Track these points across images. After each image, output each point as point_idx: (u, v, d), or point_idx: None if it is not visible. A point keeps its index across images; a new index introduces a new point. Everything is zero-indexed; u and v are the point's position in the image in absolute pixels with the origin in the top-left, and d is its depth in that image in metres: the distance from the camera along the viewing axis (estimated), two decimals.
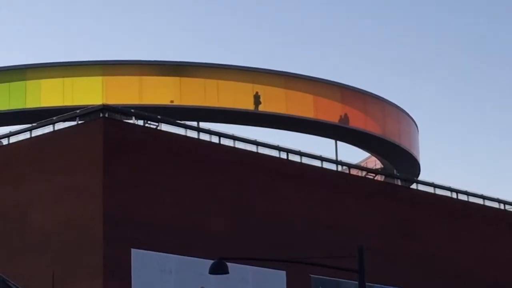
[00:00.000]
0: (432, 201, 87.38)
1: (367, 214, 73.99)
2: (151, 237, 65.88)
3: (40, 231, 66.36)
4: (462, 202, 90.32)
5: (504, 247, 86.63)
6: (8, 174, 72.13)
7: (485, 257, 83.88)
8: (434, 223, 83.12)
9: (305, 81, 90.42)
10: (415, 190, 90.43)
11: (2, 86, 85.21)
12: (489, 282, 79.22)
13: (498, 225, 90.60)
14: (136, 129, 72.34)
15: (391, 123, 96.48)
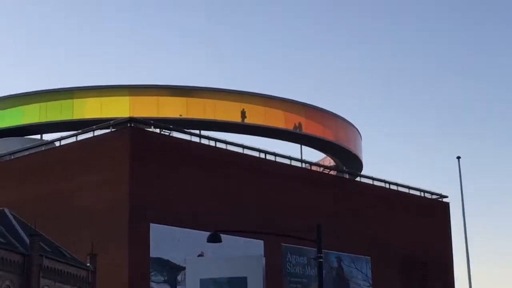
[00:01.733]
0: (371, 190, 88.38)
1: (324, 200, 74.76)
2: (164, 215, 67.03)
3: (84, 211, 67.02)
4: (394, 191, 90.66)
5: (421, 226, 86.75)
6: (60, 168, 73.25)
7: (409, 233, 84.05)
8: (373, 206, 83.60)
9: (278, 101, 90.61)
10: (359, 181, 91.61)
11: (55, 103, 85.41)
12: (408, 250, 79.13)
13: (420, 210, 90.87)
14: (154, 136, 73.50)
15: (341, 132, 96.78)
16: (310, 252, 64.44)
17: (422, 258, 77.85)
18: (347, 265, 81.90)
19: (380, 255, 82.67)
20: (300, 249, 71.12)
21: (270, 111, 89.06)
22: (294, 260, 75.83)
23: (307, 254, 71.08)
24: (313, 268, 65.68)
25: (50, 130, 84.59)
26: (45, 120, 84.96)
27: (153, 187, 67.63)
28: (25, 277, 53.24)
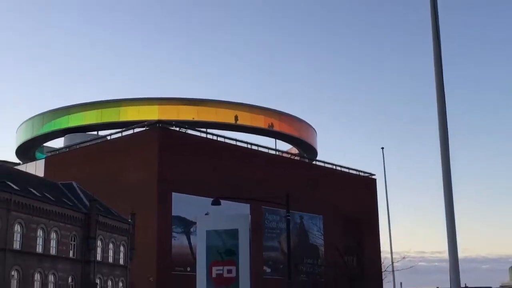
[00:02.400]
0: (323, 170, 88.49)
1: (291, 176, 74.58)
2: (181, 187, 67.26)
3: (127, 184, 67.27)
4: (339, 171, 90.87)
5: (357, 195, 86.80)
6: (110, 155, 73.80)
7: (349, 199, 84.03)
8: (324, 181, 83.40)
9: (261, 109, 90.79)
10: (315, 164, 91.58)
11: (107, 110, 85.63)
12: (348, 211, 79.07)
13: (356, 183, 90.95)
14: (174, 132, 73.72)
15: (302, 129, 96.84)
16: (281, 212, 64.90)
17: (357, 216, 77.86)
18: (307, 221, 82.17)
19: (329, 214, 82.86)
20: (275, 210, 71.37)
21: (253, 116, 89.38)
22: (270, 218, 76.12)
23: (279, 213, 71.39)
24: (283, 223, 65.74)
25: (103, 128, 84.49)
26: (100, 121, 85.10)
27: (174, 167, 67.79)
28: (86, 229, 53.27)
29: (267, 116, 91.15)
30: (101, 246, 55.05)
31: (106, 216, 56.08)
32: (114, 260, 57.25)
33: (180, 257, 64.94)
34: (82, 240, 52.77)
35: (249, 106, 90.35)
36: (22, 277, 45.59)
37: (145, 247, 61.79)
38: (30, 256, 46.57)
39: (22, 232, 45.94)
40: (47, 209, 48.67)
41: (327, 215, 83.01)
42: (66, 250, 51.07)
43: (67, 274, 50.85)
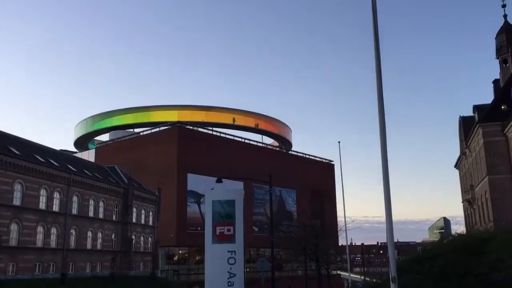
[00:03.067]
0: (296, 157, 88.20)
1: (273, 161, 74.54)
2: (194, 169, 66.65)
3: (154, 166, 67.00)
4: (307, 158, 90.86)
5: (321, 175, 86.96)
6: (142, 145, 73.10)
7: (314, 178, 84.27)
8: (297, 165, 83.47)
9: (251, 113, 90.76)
10: (290, 153, 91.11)
11: (140, 114, 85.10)
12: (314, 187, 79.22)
13: (320, 166, 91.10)
14: (189, 130, 73.34)
15: (281, 128, 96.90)
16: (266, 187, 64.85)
17: (321, 190, 78.04)
18: (284, 194, 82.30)
19: (300, 189, 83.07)
20: (261, 186, 71.55)
21: (246, 118, 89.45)
22: (258, 191, 76.16)
23: (264, 188, 71.23)
24: (267, 196, 65.84)
25: (137, 126, 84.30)
26: (135, 122, 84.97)
27: (188, 155, 67.57)
28: (125, 199, 53.17)
29: (256, 118, 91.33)
30: (135, 212, 54.99)
31: (139, 190, 56.04)
32: (145, 222, 57.24)
33: (193, 220, 65.01)
34: (122, 208, 52.76)
35: (243, 111, 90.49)
36: (78, 233, 45.81)
37: (167, 213, 61.81)
38: (84, 219, 46.65)
39: (78, 201, 46.06)
40: (96, 185, 48.77)
41: (299, 190, 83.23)
42: (110, 215, 51.08)
43: (111, 232, 50.92)
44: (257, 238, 69.44)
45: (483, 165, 38.15)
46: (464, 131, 46.09)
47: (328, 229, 54.47)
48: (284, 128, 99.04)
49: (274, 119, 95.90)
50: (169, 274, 63.93)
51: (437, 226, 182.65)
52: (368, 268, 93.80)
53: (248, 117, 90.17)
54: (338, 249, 65.42)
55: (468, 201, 46.58)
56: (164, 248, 65.49)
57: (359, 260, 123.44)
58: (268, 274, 35.95)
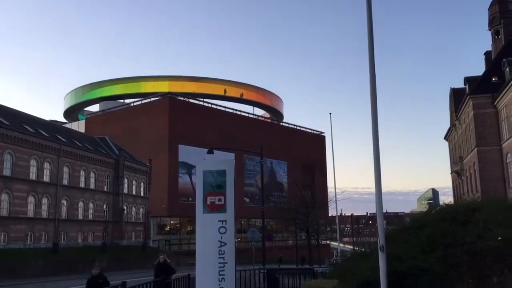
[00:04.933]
0: (288, 129, 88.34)
1: (264, 133, 74.78)
2: (185, 140, 66.51)
3: (146, 138, 66.81)
4: (299, 129, 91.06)
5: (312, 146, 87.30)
6: (133, 116, 72.53)
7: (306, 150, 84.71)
8: (289, 137, 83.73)
9: (243, 84, 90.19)
10: (281, 125, 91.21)
11: (131, 84, 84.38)
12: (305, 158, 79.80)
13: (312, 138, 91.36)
14: (180, 101, 72.73)
15: (272, 99, 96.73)
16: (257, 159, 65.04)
17: (312, 162, 78.80)
18: (275, 165, 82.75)
19: (291, 160, 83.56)
20: (252, 157, 71.56)
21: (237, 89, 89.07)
22: (249, 163, 76.44)
23: (256, 160, 71.48)
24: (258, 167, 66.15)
25: (128, 97, 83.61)
26: (125, 92, 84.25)
27: (180, 126, 67.38)
28: (116, 170, 53.16)
29: (247, 89, 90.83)
30: (127, 182, 55.09)
31: (130, 161, 56.01)
32: (136, 193, 57.43)
33: (184, 190, 65.34)
34: (113, 178, 52.79)
35: (234, 82, 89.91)
36: (69, 204, 45.91)
37: (159, 184, 61.96)
38: (75, 189, 46.68)
39: (69, 172, 45.96)
40: (87, 156, 48.60)
41: (290, 161, 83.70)
42: (101, 185, 51.13)
43: (102, 202, 51.09)
44: (248, 208, 70.09)
45: (472, 137, 38.48)
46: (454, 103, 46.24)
47: (318, 200, 54.97)
48: (276, 99, 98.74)
49: (266, 90, 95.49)
50: (160, 243, 64.62)
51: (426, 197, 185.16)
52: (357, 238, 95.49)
53: (240, 88, 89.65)
54: (328, 219, 66.22)
55: (457, 172, 47.16)
56: (156, 219, 66.00)
57: (348, 230, 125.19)
58: (259, 244, 36.46)
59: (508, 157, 34.63)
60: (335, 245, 67.47)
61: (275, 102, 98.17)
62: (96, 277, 11.46)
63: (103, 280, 11.41)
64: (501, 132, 35.93)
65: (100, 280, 11.33)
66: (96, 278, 11.44)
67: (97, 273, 11.52)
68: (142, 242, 54.99)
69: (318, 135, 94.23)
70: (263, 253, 29.53)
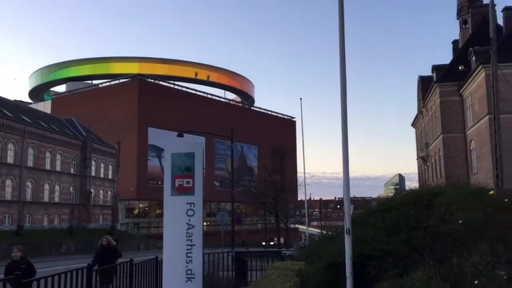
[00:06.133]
0: (258, 113, 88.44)
1: (235, 117, 74.69)
2: (155, 123, 65.84)
3: (113, 121, 65.70)
4: (270, 114, 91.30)
5: (282, 131, 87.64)
6: (102, 98, 71.84)
7: (276, 134, 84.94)
8: (260, 121, 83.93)
9: (214, 67, 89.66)
10: (253, 109, 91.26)
11: (99, 64, 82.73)
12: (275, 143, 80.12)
13: (282, 123, 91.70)
14: (150, 83, 72.12)
15: (244, 83, 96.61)
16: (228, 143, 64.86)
17: (282, 146, 79.09)
18: (246, 149, 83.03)
19: (261, 145, 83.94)
20: (223, 141, 71.62)
21: (209, 72, 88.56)
22: (220, 147, 76.45)
23: (226, 144, 71.16)
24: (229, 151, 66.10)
25: (96, 78, 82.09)
26: (93, 73, 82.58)
27: (149, 109, 66.64)
28: (83, 152, 52.28)
29: (218, 73, 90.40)
30: (94, 165, 54.31)
31: (98, 143, 55.20)
32: (104, 175, 56.74)
33: (153, 174, 64.89)
34: (80, 161, 51.95)
35: (206, 65, 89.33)
36: (35, 186, 45.05)
37: (128, 167, 61.37)
38: (40, 171, 45.77)
39: (34, 153, 45.02)
40: (53, 137, 47.62)
41: (260, 146, 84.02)
42: (68, 168, 50.29)
43: (68, 185, 50.32)
44: (218, 192, 70.21)
45: (438, 124, 39.40)
46: (422, 90, 47.11)
47: (288, 185, 55.50)
48: (247, 83, 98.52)
49: (237, 74, 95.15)
50: (129, 227, 64.18)
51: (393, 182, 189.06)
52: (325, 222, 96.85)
53: (211, 71, 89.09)
54: (297, 203, 67.08)
55: (423, 158, 48.31)
56: (124, 202, 65.45)
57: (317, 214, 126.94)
58: (228, 228, 36.64)
59: (472, 144, 35.68)
60: (304, 228, 68.45)
61: (246, 86, 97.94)
62: (18, 263, 9.41)
63: (27, 266, 9.37)
64: (465, 119, 36.92)
65: (23, 266, 9.20)
66: (17, 263, 9.35)
67: (18, 257, 9.54)
68: (110, 225, 54.50)
69: (289, 120, 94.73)
70: (232, 236, 29.71)
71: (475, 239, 6.91)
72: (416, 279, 6.28)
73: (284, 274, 6.91)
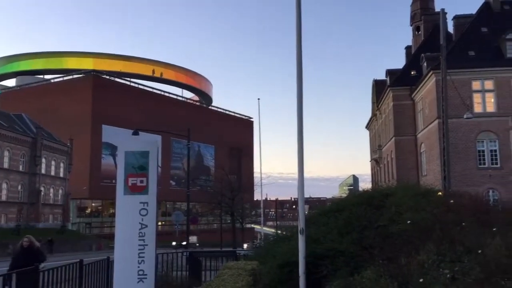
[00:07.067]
0: (217, 113, 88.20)
1: (193, 116, 74.26)
2: (110, 120, 64.51)
3: (67, 116, 64.42)
4: (229, 114, 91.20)
5: (240, 131, 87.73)
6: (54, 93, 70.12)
7: (234, 134, 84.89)
8: (217, 121, 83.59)
9: (172, 66, 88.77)
10: (210, 108, 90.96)
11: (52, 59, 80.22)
12: (233, 143, 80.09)
13: (240, 123, 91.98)
14: (105, 80, 70.55)
15: (203, 83, 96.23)
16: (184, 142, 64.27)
17: (239, 146, 79.35)
18: (202, 149, 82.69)
19: (219, 144, 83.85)
20: (180, 140, 70.91)
21: (166, 70, 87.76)
22: (176, 146, 75.73)
23: (183, 143, 70.79)
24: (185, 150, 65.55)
25: (48, 73, 79.58)
26: (45, 67, 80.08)
27: (104, 106, 65.26)
28: (33, 149, 50.58)
29: (176, 71, 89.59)
30: (45, 162, 52.67)
31: (50, 140, 53.62)
32: (55, 173, 55.15)
33: (107, 172, 63.50)
34: (30, 158, 50.23)
35: (163, 63, 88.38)
36: None
37: (80, 165, 59.87)
38: None
39: None
40: (0, 133, 45.76)
41: (217, 145, 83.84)
42: (16, 165, 48.53)
43: (17, 183, 48.59)
44: (174, 192, 69.47)
45: (391, 127, 40.60)
46: (376, 94, 48.40)
47: (244, 184, 55.59)
48: (205, 83, 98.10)
49: (195, 73, 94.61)
50: (80, 226, 62.53)
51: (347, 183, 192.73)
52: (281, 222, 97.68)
53: (169, 69, 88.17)
54: (253, 203, 67.29)
55: (376, 160, 49.62)
56: (76, 201, 63.71)
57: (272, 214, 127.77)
58: (183, 227, 36.31)
59: (422, 146, 36.96)
60: (259, 228, 68.81)
61: (204, 85, 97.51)
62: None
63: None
64: (417, 123, 38.22)
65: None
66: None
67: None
68: (60, 224, 52.95)
69: (247, 120, 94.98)
70: (187, 235, 29.49)
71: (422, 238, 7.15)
72: (366, 277, 6.43)
73: (237, 273, 6.92)
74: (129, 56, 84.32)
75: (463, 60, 31.99)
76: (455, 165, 27.42)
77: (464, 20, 37.05)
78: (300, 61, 8.18)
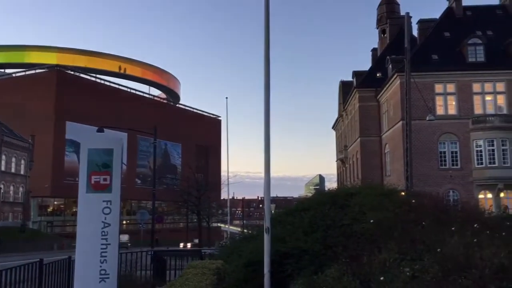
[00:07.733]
0: (184, 111, 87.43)
1: (160, 114, 73.22)
2: (74, 117, 63.05)
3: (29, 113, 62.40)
4: (196, 113, 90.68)
5: (208, 129, 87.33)
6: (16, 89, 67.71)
7: (201, 133, 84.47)
8: (185, 119, 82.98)
9: (139, 63, 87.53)
10: (178, 106, 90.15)
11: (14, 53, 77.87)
12: (200, 141, 79.73)
13: (208, 122, 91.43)
14: (69, 75, 68.99)
15: (170, 80, 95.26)
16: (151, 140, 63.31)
17: (206, 145, 78.94)
18: (169, 147, 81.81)
19: (186, 143, 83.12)
20: (146, 138, 69.61)
21: (133, 67, 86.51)
22: (143, 144, 74.61)
23: (149, 141, 69.53)
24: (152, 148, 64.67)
25: (9, 67, 77.08)
26: (6, 61, 77.58)
27: (68, 102, 63.65)
28: None
29: (143, 68, 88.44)
30: (5, 159, 51.06)
31: (10, 136, 51.99)
32: (16, 171, 53.54)
33: (71, 170, 61.87)
34: None
35: (130, 59, 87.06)
36: None
37: (42, 162, 58.24)
38: None
39: None
40: None
41: (184, 144, 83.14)
42: None
43: None
44: (140, 190, 68.51)
45: (357, 127, 41.27)
46: (343, 94, 49.08)
47: (211, 183, 55.39)
48: (173, 80, 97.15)
49: (163, 70, 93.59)
50: (42, 225, 60.95)
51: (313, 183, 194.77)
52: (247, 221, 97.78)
53: (135, 66, 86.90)
54: (220, 202, 67.10)
55: (342, 160, 50.33)
56: (38, 199, 62.03)
57: (239, 213, 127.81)
58: (148, 226, 35.84)
59: (386, 147, 37.72)
60: (226, 227, 68.68)
61: (172, 83, 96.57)
62: None
63: None
64: (381, 124, 38.98)
65: None
66: None
67: None
68: (20, 223, 51.41)
69: (215, 118, 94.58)
70: (152, 234, 29.11)
71: (385, 237, 7.30)
72: (329, 276, 6.52)
73: (201, 272, 6.89)
74: (94, 52, 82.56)
75: (427, 63, 32.85)
76: (418, 165, 28.10)
77: (428, 24, 38.02)
78: (267, 60, 8.21)
